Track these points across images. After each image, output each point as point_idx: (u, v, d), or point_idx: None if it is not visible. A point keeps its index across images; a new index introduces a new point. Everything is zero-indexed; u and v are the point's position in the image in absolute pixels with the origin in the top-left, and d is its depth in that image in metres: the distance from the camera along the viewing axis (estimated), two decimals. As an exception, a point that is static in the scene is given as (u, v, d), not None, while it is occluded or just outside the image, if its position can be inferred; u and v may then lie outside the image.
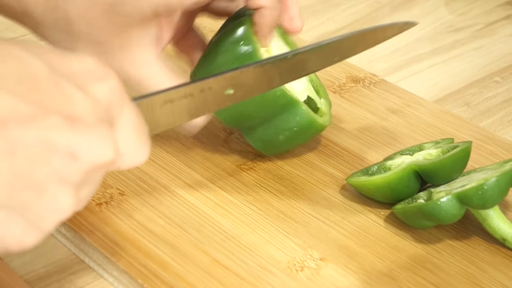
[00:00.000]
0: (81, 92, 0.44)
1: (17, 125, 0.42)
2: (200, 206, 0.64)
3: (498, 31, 0.92)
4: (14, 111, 0.41)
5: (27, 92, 0.42)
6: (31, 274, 0.59)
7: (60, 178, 0.43)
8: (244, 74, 0.57)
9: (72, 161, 0.43)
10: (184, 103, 0.54)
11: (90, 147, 0.43)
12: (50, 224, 0.43)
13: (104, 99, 0.45)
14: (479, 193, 0.59)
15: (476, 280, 0.59)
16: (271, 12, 0.65)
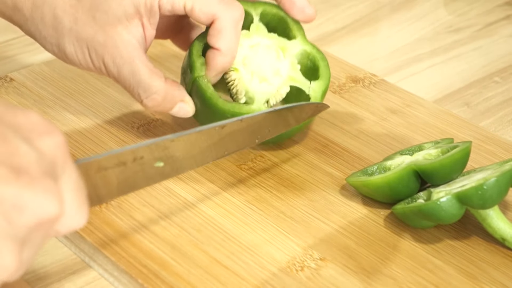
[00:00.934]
0: (26, 145, 0.43)
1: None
2: (200, 206, 0.64)
3: (497, 31, 0.92)
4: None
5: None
6: (31, 274, 0.59)
7: (5, 232, 0.41)
8: (175, 143, 0.56)
9: (17, 214, 0.42)
10: (116, 172, 0.52)
11: (36, 199, 0.42)
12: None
13: (49, 154, 0.44)
14: (479, 193, 0.59)
15: (476, 280, 0.59)
16: (224, 59, 0.65)
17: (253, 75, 0.67)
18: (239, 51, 0.67)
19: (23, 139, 0.43)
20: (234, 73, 0.67)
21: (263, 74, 0.67)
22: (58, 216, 0.43)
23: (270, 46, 0.68)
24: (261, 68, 0.67)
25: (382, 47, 0.89)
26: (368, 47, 0.89)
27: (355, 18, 0.94)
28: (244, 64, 0.67)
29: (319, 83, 0.68)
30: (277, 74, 0.68)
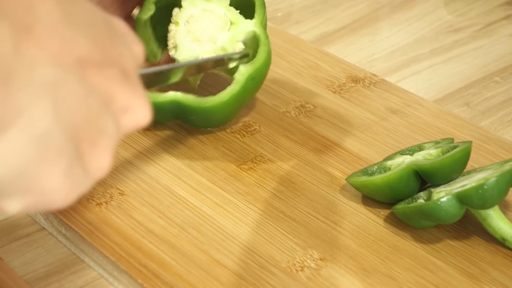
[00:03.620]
0: (128, 50, 0.44)
1: (89, 69, 0.41)
2: (200, 206, 0.64)
3: (497, 31, 0.92)
4: (87, 54, 0.41)
5: (95, 38, 0.42)
6: (31, 274, 0.59)
7: (112, 132, 0.42)
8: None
9: (123, 116, 0.43)
10: None
11: (140, 106, 0.43)
12: (90, 181, 0.42)
13: (138, 61, 0.45)
14: (479, 193, 0.59)
15: (476, 280, 0.59)
16: None
17: (188, 33, 0.70)
18: (189, 9, 0.70)
19: (124, 44, 0.44)
20: (174, 26, 0.70)
21: (198, 35, 0.69)
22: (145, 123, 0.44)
23: (221, 16, 0.70)
24: (200, 30, 0.70)
25: (382, 47, 0.89)
26: (368, 47, 0.89)
27: (355, 18, 0.94)
28: (188, 21, 0.70)
29: (247, 67, 0.68)
30: (212, 41, 0.69)
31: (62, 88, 0.40)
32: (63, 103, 0.40)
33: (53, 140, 0.40)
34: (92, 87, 0.41)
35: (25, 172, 0.39)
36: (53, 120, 0.39)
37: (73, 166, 0.41)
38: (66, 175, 0.41)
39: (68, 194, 0.41)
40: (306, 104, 0.76)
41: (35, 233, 0.63)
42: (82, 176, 0.42)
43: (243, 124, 0.73)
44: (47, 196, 0.41)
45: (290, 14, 0.94)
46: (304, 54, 0.83)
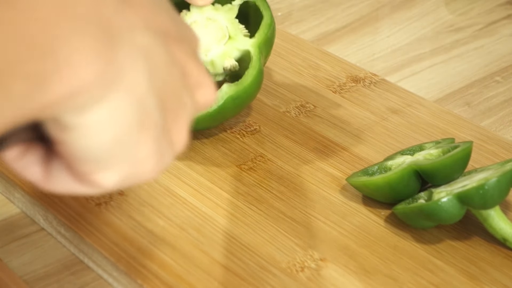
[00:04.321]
0: (191, 33, 0.46)
1: (171, 41, 0.43)
2: (200, 206, 0.64)
3: (498, 30, 0.92)
4: (168, 27, 0.43)
5: (171, 16, 0.44)
6: (30, 275, 0.59)
7: (189, 106, 0.44)
8: None
9: (197, 92, 0.44)
10: None
11: (209, 83, 0.45)
12: (172, 155, 0.44)
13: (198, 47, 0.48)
14: (480, 193, 0.59)
15: (477, 281, 0.59)
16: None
17: None
18: (195, 14, 0.69)
19: (187, 27, 0.46)
20: None
21: None
22: (212, 102, 0.47)
23: (222, 29, 0.69)
24: None
25: (383, 47, 0.88)
26: (368, 47, 0.88)
27: (356, 17, 0.94)
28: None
29: (230, 87, 0.68)
30: (204, 52, 0.69)
31: (154, 54, 0.41)
32: (155, 69, 0.41)
33: (148, 106, 0.41)
34: (174, 58, 0.43)
35: (125, 139, 0.40)
36: (149, 86, 0.40)
37: (161, 136, 0.42)
38: (156, 144, 0.42)
39: (155, 165, 0.42)
40: (306, 104, 0.76)
41: (35, 233, 0.63)
42: (167, 148, 0.43)
43: (243, 124, 0.73)
44: (139, 166, 0.42)
45: (290, 13, 0.94)
46: (304, 53, 0.83)
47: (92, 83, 0.37)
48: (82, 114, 0.38)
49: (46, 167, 0.42)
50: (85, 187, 0.42)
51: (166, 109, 0.42)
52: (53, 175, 0.42)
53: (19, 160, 0.42)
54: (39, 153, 0.42)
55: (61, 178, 0.42)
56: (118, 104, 0.39)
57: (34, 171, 0.42)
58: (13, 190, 0.66)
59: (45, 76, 0.36)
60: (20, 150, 0.42)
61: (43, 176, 0.42)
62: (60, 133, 0.39)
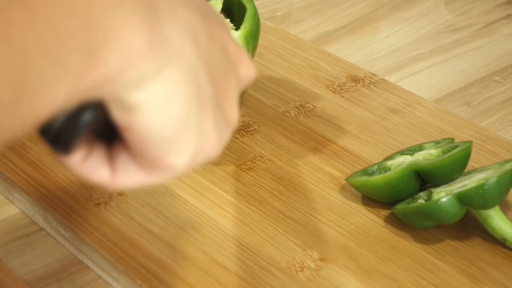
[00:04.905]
0: (219, 14, 0.47)
1: (208, 18, 0.44)
2: (200, 206, 0.64)
3: (498, 30, 0.92)
4: (203, 6, 0.44)
5: (204, 6, 0.45)
6: (30, 275, 0.59)
7: (235, 81, 0.45)
8: None
9: (238, 66, 0.45)
10: None
11: (247, 58, 0.47)
12: (230, 131, 0.45)
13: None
14: (480, 193, 0.58)
15: (477, 281, 0.58)
16: None
17: None
18: None
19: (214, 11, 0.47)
20: None
21: None
22: (253, 77, 0.48)
23: None
24: None
25: (382, 47, 0.88)
26: (368, 47, 0.88)
27: (355, 17, 0.94)
28: None
29: None
30: None
31: (197, 28, 0.42)
32: (200, 43, 0.42)
33: (201, 79, 0.41)
34: (214, 33, 0.44)
35: (189, 113, 0.41)
36: (198, 58, 0.41)
37: (217, 110, 0.43)
38: (214, 118, 0.43)
39: (217, 141, 0.43)
40: (306, 104, 0.76)
41: (34, 233, 0.63)
42: (224, 123, 0.44)
43: (242, 124, 0.73)
44: (205, 143, 0.42)
45: (290, 13, 0.94)
46: (304, 53, 0.83)
47: (142, 53, 0.38)
48: (142, 90, 0.39)
49: (112, 165, 0.42)
50: (154, 175, 0.42)
51: (216, 83, 0.43)
52: (120, 171, 0.42)
53: (84, 164, 0.42)
54: (102, 152, 0.42)
55: (129, 172, 0.42)
56: (175, 77, 0.40)
57: (101, 171, 0.42)
58: (12, 190, 0.66)
59: (97, 49, 0.36)
60: (84, 152, 0.42)
61: (111, 175, 0.42)
62: (126, 115, 0.39)
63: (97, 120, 0.41)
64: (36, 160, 0.67)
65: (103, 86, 0.37)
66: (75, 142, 0.41)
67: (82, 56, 0.36)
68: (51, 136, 0.40)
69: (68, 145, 0.40)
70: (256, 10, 0.71)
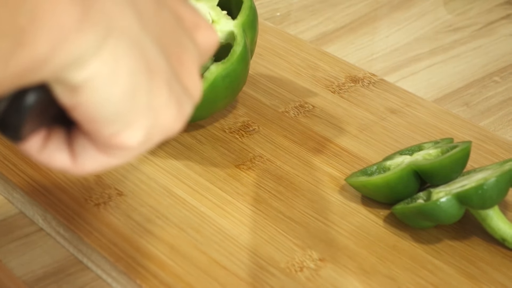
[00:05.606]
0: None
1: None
2: (199, 206, 0.64)
3: (497, 30, 0.92)
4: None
5: None
6: (29, 275, 0.59)
7: (192, 49, 0.44)
8: None
9: (196, 33, 0.44)
10: None
11: (206, 24, 0.46)
12: (191, 103, 0.43)
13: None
14: (479, 193, 0.59)
15: (476, 281, 0.59)
16: None
17: None
18: None
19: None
20: None
21: None
22: (216, 43, 0.47)
23: (204, 14, 0.70)
24: None
25: (381, 47, 0.88)
26: (367, 47, 0.88)
27: (354, 17, 0.94)
28: None
29: (218, 66, 0.68)
30: None
31: (139, 0, 0.40)
32: (144, 13, 0.40)
33: (149, 50, 0.40)
34: (161, 2, 0.42)
35: (138, 87, 0.40)
36: (141, 28, 0.40)
37: (173, 81, 0.41)
38: (169, 90, 0.41)
39: (176, 114, 0.42)
40: (305, 104, 0.76)
41: (33, 233, 0.63)
42: (183, 95, 0.42)
43: (242, 124, 0.73)
44: (160, 117, 0.41)
45: (289, 13, 0.94)
46: (303, 53, 0.83)
47: (75, 30, 0.36)
48: (83, 68, 0.37)
49: (71, 150, 0.41)
50: (114, 157, 0.41)
51: (169, 53, 0.42)
52: (80, 155, 0.41)
53: (43, 150, 0.42)
54: (61, 138, 0.42)
55: (89, 155, 0.41)
56: (116, 51, 0.38)
57: (61, 157, 0.42)
58: (12, 191, 0.66)
59: (24, 30, 0.35)
60: (41, 138, 0.41)
61: (71, 160, 0.42)
62: (70, 96, 0.38)
63: (43, 102, 0.39)
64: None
65: (39, 68, 0.36)
66: (23, 127, 0.39)
67: (8, 38, 0.34)
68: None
69: (17, 130, 0.39)
70: (252, 2, 0.71)
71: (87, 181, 0.65)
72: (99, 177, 0.66)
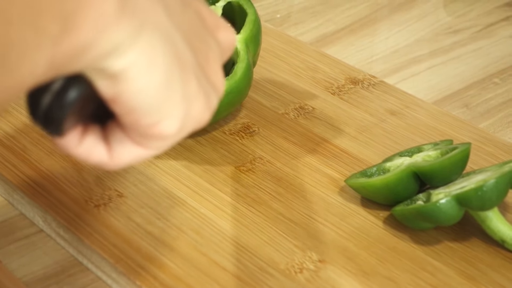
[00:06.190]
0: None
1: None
2: (199, 208, 0.64)
3: (497, 32, 0.92)
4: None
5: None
6: (29, 276, 0.59)
7: (215, 46, 0.46)
8: None
9: (217, 33, 0.46)
10: None
11: (225, 24, 0.48)
12: (216, 96, 0.45)
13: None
14: (478, 194, 0.59)
15: (475, 282, 0.59)
16: None
17: None
18: None
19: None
20: None
21: None
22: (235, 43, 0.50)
23: None
24: None
25: (381, 48, 0.89)
26: (367, 49, 0.88)
27: (354, 19, 0.94)
28: None
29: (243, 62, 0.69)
30: None
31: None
32: (171, 10, 0.42)
33: (179, 44, 0.42)
34: (186, 2, 0.44)
35: (172, 77, 0.41)
36: (171, 24, 0.42)
37: (199, 74, 0.44)
38: (198, 82, 0.43)
39: (205, 105, 0.44)
40: (305, 106, 0.76)
41: (34, 235, 0.63)
42: (209, 88, 0.44)
43: (242, 126, 0.73)
44: (192, 107, 0.43)
45: (289, 15, 0.94)
46: (303, 55, 0.83)
47: (114, 19, 0.38)
48: (122, 57, 0.39)
49: (108, 144, 0.43)
50: (150, 147, 0.43)
51: (194, 48, 0.44)
52: (116, 149, 0.43)
53: (80, 145, 0.43)
54: (97, 133, 0.43)
55: (125, 148, 0.43)
56: (152, 42, 0.40)
57: (98, 151, 0.43)
58: (12, 192, 0.66)
59: (71, 14, 0.37)
60: (79, 134, 0.43)
61: (108, 154, 0.43)
62: (110, 86, 0.40)
63: (84, 97, 0.41)
64: (36, 161, 0.67)
65: (82, 54, 0.38)
66: (65, 122, 0.41)
67: (57, 21, 0.36)
68: (41, 118, 0.41)
69: (59, 125, 0.41)
70: (257, 15, 0.71)
71: (87, 183, 0.65)
72: (99, 178, 0.66)
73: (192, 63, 0.43)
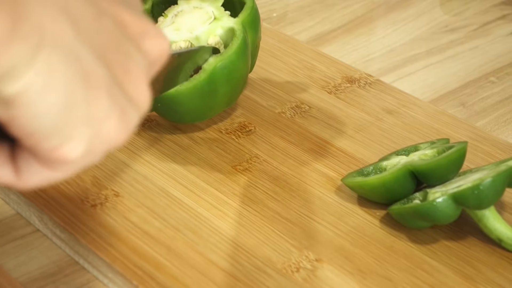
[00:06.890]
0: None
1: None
2: (196, 207, 0.64)
3: (493, 31, 0.92)
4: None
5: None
6: (25, 276, 0.59)
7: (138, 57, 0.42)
8: None
9: (143, 41, 0.43)
10: None
11: (154, 30, 0.44)
12: (137, 113, 0.42)
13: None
14: (475, 193, 0.59)
15: (472, 281, 0.59)
16: None
17: (172, 24, 0.71)
18: (182, 5, 0.72)
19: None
20: (163, 18, 0.72)
21: (180, 26, 0.71)
22: (167, 49, 0.45)
23: (207, 13, 0.71)
24: (183, 22, 0.71)
25: (378, 47, 0.89)
26: (363, 47, 0.88)
27: (351, 18, 0.94)
28: (176, 15, 0.72)
29: (216, 57, 0.68)
30: (189, 31, 0.70)
31: (74, 7, 0.39)
32: (80, 21, 0.39)
33: (86, 59, 0.39)
34: (101, 9, 0.41)
35: (74, 98, 0.38)
36: (77, 37, 0.39)
37: (114, 91, 0.40)
38: (111, 100, 0.40)
39: (119, 125, 0.41)
40: (302, 105, 0.76)
41: (30, 234, 0.63)
42: (127, 104, 0.41)
43: (238, 125, 0.73)
44: (101, 128, 0.40)
45: (285, 14, 0.94)
46: (300, 54, 0.83)
47: (6, 42, 0.35)
48: (16, 81, 0.37)
49: (14, 165, 0.41)
50: (58, 170, 0.40)
51: (110, 61, 0.40)
52: (23, 170, 0.40)
53: None
54: (5, 153, 0.41)
55: (32, 170, 0.40)
56: (51, 61, 0.37)
57: (4, 172, 0.41)
58: (8, 192, 0.66)
59: None
60: None
61: (14, 175, 0.41)
62: (7, 109, 0.37)
63: None
64: (32, 161, 0.67)
65: None
66: None
67: None
68: None
69: None
70: (255, 4, 0.72)
71: (83, 182, 0.65)
72: (95, 178, 0.66)
73: (104, 79, 0.40)
